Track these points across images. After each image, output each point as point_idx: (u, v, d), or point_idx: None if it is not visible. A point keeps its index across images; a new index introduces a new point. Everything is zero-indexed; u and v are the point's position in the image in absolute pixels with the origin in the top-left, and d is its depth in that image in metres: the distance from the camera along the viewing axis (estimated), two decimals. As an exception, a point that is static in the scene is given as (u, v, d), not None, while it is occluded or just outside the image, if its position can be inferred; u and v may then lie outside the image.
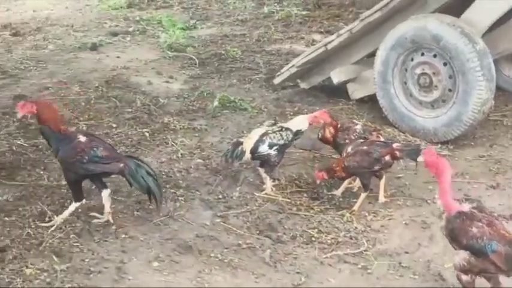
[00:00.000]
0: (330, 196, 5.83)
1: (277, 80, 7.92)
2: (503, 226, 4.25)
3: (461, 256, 4.19)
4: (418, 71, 6.79)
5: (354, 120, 6.23)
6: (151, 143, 6.64)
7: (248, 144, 5.81)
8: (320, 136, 5.99)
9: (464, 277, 4.20)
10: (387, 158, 5.58)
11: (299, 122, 5.98)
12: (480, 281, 4.26)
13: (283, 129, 5.91)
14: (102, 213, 5.30)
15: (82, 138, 5.19)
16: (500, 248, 4.09)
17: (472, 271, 4.17)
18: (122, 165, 5.21)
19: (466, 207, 4.24)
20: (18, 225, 5.19)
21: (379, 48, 6.99)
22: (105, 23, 10.80)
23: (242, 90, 8.03)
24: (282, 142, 5.83)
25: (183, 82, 8.26)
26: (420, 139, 6.75)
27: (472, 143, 6.73)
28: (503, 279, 4.26)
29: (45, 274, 4.65)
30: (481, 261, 4.14)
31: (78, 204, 5.26)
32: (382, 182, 5.77)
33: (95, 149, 5.16)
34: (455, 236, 4.21)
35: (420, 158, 4.43)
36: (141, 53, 9.26)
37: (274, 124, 6.04)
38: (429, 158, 4.32)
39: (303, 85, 7.92)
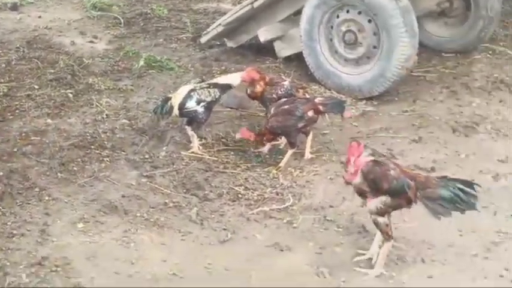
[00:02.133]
0: (257, 153, 5.85)
1: (203, 39, 7.84)
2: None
3: (376, 201, 4.32)
4: (344, 28, 6.82)
5: (282, 76, 6.20)
6: (75, 104, 6.51)
7: (176, 99, 5.79)
8: (249, 91, 5.97)
9: (381, 219, 4.35)
10: (310, 113, 5.62)
11: (230, 78, 5.97)
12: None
13: (211, 86, 5.91)
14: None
15: None
16: (412, 183, 4.30)
17: (387, 211, 4.35)
18: None
19: (369, 157, 4.40)
20: None
21: (304, 6, 6.98)
22: (26, -19, 10.44)
23: (168, 49, 7.92)
24: (209, 99, 5.82)
25: (108, 42, 8.09)
26: (346, 96, 6.81)
27: (396, 99, 6.83)
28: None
29: (-34, 238, 4.55)
30: (397, 200, 4.32)
31: None
32: (309, 138, 5.81)
33: None
34: (377, 184, 4.31)
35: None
36: (64, 13, 8.98)
37: (202, 81, 6.04)
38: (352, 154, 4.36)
39: (230, 44, 7.87)
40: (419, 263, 4.57)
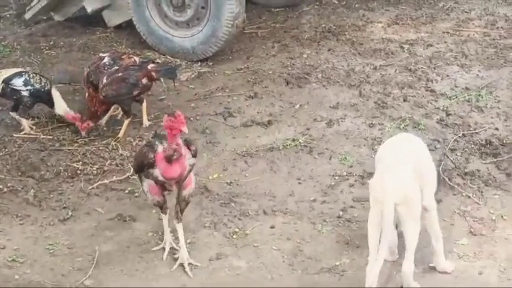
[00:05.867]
0: (94, 127, 5.72)
1: (28, 15, 7.51)
2: None
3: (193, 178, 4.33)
4: (170, -9, 6.77)
5: (101, 54, 5.90)
6: None
7: (3, 74, 5.60)
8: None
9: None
10: (144, 81, 5.55)
11: (58, 106, 5.68)
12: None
13: (44, 77, 5.76)
14: None
15: None
16: None
17: None
18: None
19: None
20: None
21: (128, -29, 6.85)
22: None
23: (-9, 29, 7.56)
24: (37, 86, 5.62)
25: None
26: (180, 59, 6.78)
27: (230, 57, 6.88)
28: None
29: None
30: None
31: None
32: (144, 106, 5.75)
33: None
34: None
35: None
36: None
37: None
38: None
39: (57, 17, 7.59)
40: (261, 215, 4.68)
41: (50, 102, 5.68)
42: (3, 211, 4.70)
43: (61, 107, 5.67)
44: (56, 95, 5.68)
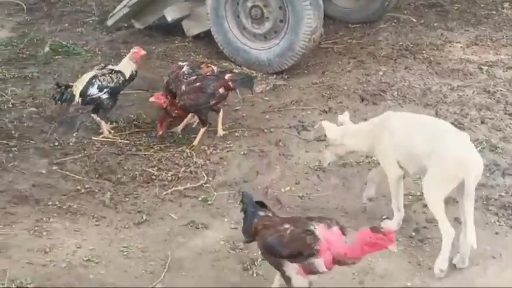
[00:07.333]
0: (170, 134, 5.81)
1: (110, 22, 7.71)
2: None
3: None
4: (249, 3, 6.83)
5: (179, 63, 5.99)
6: (-23, 94, 6.33)
7: (78, 87, 5.71)
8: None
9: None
10: (221, 90, 5.61)
11: (125, 66, 5.86)
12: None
13: (114, 72, 5.83)
14: None
15: None
16: None
17: None
18: None
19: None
20: None
21: (209, -17, 6.96)
22: None
23: (74, 34, 7.76)
24: (112, 85, 5.74)
25: (11, 29, 7.88)
26: (256, 71, 6.84)
27: (306, 71, 6.90)
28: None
29: None
30: None
31: None
32: (220, 115, 5.81)
33: None
34: None
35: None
36: (-39, 1, 8.70)
37: (104, 68, 5.93)
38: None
39: (138, 25, 7.77)
40: (333, 230, 4.65)
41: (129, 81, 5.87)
42: (81, 211, 4.82)
43: (126, 65, 5.85)
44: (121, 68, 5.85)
